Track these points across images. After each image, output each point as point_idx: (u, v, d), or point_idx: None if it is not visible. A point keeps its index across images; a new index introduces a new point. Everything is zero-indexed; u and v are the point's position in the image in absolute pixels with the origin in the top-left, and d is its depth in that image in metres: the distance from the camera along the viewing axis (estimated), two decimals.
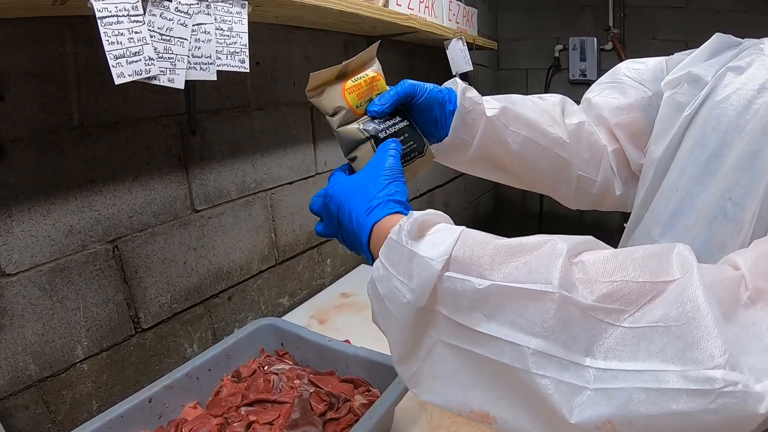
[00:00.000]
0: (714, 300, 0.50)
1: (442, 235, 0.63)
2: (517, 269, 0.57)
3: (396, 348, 0.66)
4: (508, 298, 0.56)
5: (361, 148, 0.88)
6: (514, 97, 1.11)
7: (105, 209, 1.26)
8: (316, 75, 0.88)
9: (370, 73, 0.94)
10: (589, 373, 0.52)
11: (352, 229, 0.76)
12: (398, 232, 0.64)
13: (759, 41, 0.94)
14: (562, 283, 0.54)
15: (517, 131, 1.04)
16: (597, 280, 0.54)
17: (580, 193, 1.14)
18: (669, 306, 0.51)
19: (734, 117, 0.86)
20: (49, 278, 1.16)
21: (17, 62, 1.08)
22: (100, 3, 0.91)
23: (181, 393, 1.19)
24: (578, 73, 3.97)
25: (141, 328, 1.38)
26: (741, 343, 0.49)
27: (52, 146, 1.15)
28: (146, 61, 0.99)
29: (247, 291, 1.74)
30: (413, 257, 0.61)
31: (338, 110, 0.89)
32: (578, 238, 0.60)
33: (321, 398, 1.19)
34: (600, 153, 1.13)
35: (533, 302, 0.55)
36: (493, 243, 0.61)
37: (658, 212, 0.96)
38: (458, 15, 2.55)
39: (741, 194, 0.81)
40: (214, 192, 1.57)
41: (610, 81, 1.16)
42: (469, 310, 0.58)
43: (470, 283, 0.58)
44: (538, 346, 0.54)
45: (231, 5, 1.13)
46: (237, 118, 1.62)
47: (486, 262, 0.59)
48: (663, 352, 0.50)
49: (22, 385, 1.13)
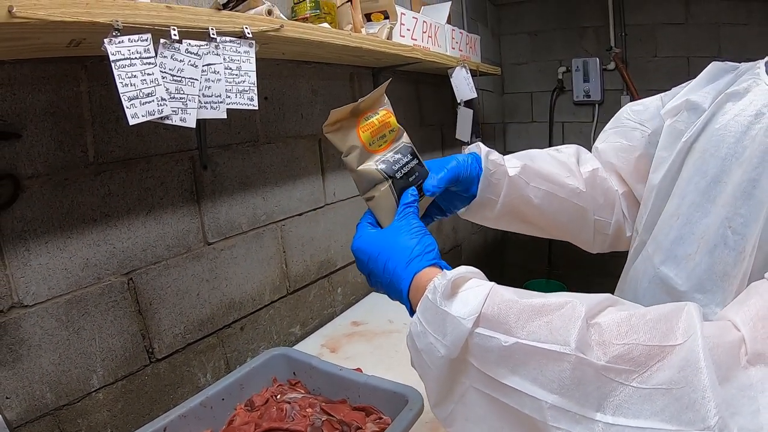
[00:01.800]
0: (713, 364, 0.54)
1: (473, 292, 0.69)
2: (540, 328, 0.62)
3: (432, 394, 0.72)
4: (530, 357, 0.62)
5: (378, 188, 0.92)
6: (532, 152, 1.19)
7: (120, 243, 1.29)
8: (336, 111, 0.91)
9: (382, 111, 0.98)
10: (598, 426, 0.57)
11: (388, 279, 0.82)
12: (433, 292, 0.70)
13: (755, 64, 0.95)
14: (578, 345, 0.59)
15: (538, 186, 1.11)
16: (611, 342, 0.59)
17: (598, 237, 1.19)
18: (672, 369, 0.55)
19: (732, 143, 0.86)
20: (66, 310, 1.19)
21: (34, 101, 1.12)
22: (114, 46, 0.94)
23: (196, 422, 1.20)
24: (582, 95, 3.99)
25: (155, 358, 1.39)
26: (735, 404, 0.53)
27: (68, 182, 1.18)
28: (159, 102, 1.02)
29: (259, 321, 1.75)
30: (446, 317, 0.67)
31: (352, 149, 0.92)
32: (596, 299, 0.65)
33: (333, 426, 1.20)
34: (613, 197, 1.18)
35: (552, 362, 0.60)
36: (519, 303, 0.66)
37: (659, 240, 0.96)
38: (461, 43, 2.59)
39: (741, 223, 0.81)
40: (225, 225, 1.59)
41: (613, 127, 1.21)
42: (496, 365, 0.64)
43: (497, 341, 0.64)
44: (555, 401, 0.59)
45: (239, 45, 1.17)
46: (247, 153, 1.65)
47: (512, 320, 0.64)
48: (663, 412, 0.54)
49: (39, 413, 1.14)
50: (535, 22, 4.14)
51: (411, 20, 2.04)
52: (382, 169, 0.91)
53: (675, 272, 0.91)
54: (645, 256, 1.00)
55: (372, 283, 0.90)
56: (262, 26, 1.21)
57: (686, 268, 0.89)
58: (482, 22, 3.80)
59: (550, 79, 4.16)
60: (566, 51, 4.05)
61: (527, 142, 4.41)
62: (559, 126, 4.23)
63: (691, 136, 0.95)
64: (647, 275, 0.98)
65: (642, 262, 1.01)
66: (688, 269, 0.88)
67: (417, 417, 1.12)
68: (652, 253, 0.97)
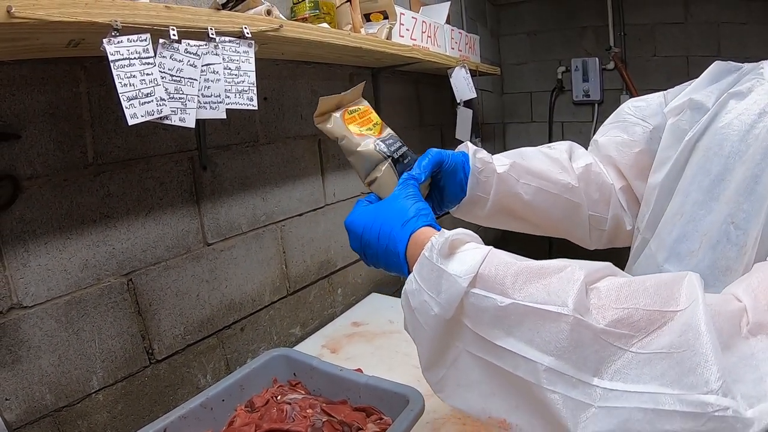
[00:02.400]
0: (715, 330, 0.53)
1: (470, 253, 0.68)
2: (537, 290, 0.62)
3: (424, 356, 0.71)
4: (526, 317, 0.61)
5: (380, 167, 0.95)
6: (524, 150, 1.20)
7: (119, 243, 1.29)
8: (324, 101, 0.95)
9: (363, 106, 1.02)
10: (595, 391, 0.56)
11: (384, 245, 0.81)
12: (430, 250, 0.70)
13: (758, 65, 0.95)
14: (576, 307, 0.58)
15: (528, 183, 1.11)
16: (610, 306, 0.58)
17: (594, 233, 1.20)
18: (673, 334, 0.54)
19: (736, 142, 0.87)
20: (65, 311, 1.18)
21: (33, 102, 1.12)
22: (113, 46, 0.94)
23: (196, 423, 1.20)
24: (582, 94, 4.00)
25: (155, 360, 1.39)
26: (737, 372, 0.52)
27: (67, 183, 1.18)
28: (158, 102, 1.01)
29: (260, 322, 1.75)
30: (442, 274, 0.67)
31: (343, 137, 0.96)
32: (596, 265, 0.64)
33: (334, 427, 1.19)
34: (608, 191, 1.18)
35: (549, 322, 0.59)
36: (517, 264, 0.65)
37: (663, 237, 0.97)
38: (460, 43, 2.59)
39: (743, 218, 0.81)
40: (225, 225, 1.59)
41: (614, 121, 1.21)
42: (491, 325, 0.63)
43: (493, 300, 0.63)
44: (551, 363, 0.58)
45: (238, 45, 1.17)
46: (246, 153, 1.65)
47: (509, 281, 0.64)
48: (663, 376, 0.53)
49: (39, 414, 1.14)
50: (534, 22, 4.15)
51: (410, 20, 2.04)
52: (381, 150, 0.95)
53: (678, 269, 0.91)
54: (648, 255, 1.00)
55: (368, 258, 0.89)
56: (261, 26, 1.21)
57: (689, 264, 0.89)
58: (481, 22, 3.80)
59: (550, 79, 4.17)
60: (565, 51, 4.06)
61: (527, 142, 4.36)
62: (559, 126, 4.24)
63: (694, 135, 0.95)
64: (650, 272, 0.97)
65: (645, 260, 1.01)
66: (690, 266, 0.89)
67: (418, 417, 1.12)
68: (655, 251, 0.97)
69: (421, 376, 0.76)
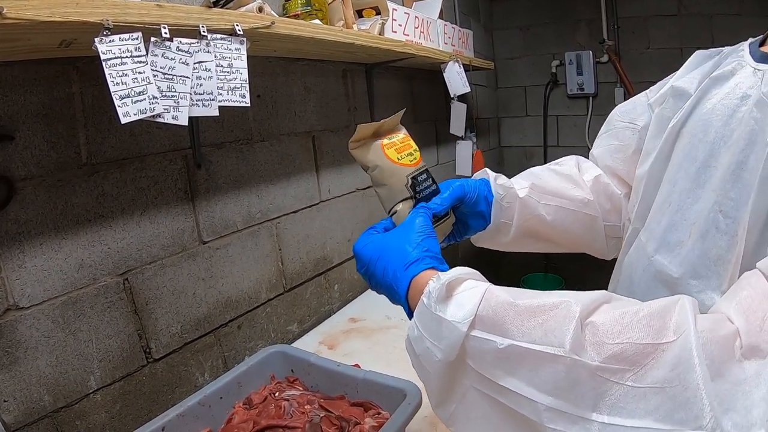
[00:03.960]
0: (706, 359, 0.54)
1: (468, 294, 0.69)
2: (534, 329, 0.62)
3: (433, 395, 0.73)
4: (525, 358, 0.62)
5: (404, 204, 0.94)
6: (535, 171, 1.21)
7: (115, 243, 1.29)
8: (362, 128, 0.93)
9: (401, 134, 1.00)
10: (594, 426, 0.57)
11: (387, 282, 0.82)
12: (428, 297, 0.70)
13: (737, 47, 0.96)
14: (573, 347, 0.59)
15: (548, 203, 1.12)
16: (604, 342, 0.59)
17: (611, 242, 1.20)
18: (666, 368, 0.55)
19: (720, 127, 0.87)
20: (62, 311, 1.19)
21: (26, 103, 1.12)
22: (105, 45, 0.94)
23: (194, 421, 1.20)
24: (576, 88, 4.01)
25: (153, 359, 1.39)
26: (729, 400, 0.53)
27: (62, 183, 1.18)
28: (150, 100, 1.02)
29: (257, 319, 1.75)
30: (441, 322, 0.67)
31: (376, 166, 0.95)
32: (591, 297, 0.64)
33: (332, 422, 1.20)
34: (618, 200, 1.19)
35: (547, 363, 0.60)
36: (514, 304, 0.66)
37: (652, 228, 0.97)
38: (453, 38, 2.59)
39: (732, 207, 0.81)
40: (220, 223, 1.59)
41: (605, 131, 1.22)
42: (493, 366, 0.64)
43: (493, 343, 0.64)
44: (551, 403, 0.60)
45: (230, 42, 1.17)
46: (240, 151, 1.65)
47: (507, 322, 0.64)
48: (657, 410, 0.54)
49: (37, 415, 1.14)
50: (527, 17, 4.15)
51: (403, 16, 2.04)
52: (409, 186, 0.94)
53: (668, 259, 0.91)
54: (638, 245, 1.00)
55: (372, 286, 0.90)
56: (252, 23, 1.21)
57: (679, 254, 0.89)
58: (474, 17, 3.80)
59: (544, 72, 4.17)
60: (559, 44, 4.07)
61: (522, 136, 4.42)
62: (554, 119, 4.24)
63: (678, 122, 0.95)
64: (641, 264, 0.98)
65: (636, 250, 1.01)
66: (681, 256, 0.89)
67: (415, 411, 1.12)
68: (645, 242, 0.98)
69: None
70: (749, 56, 0.90)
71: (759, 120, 0.80)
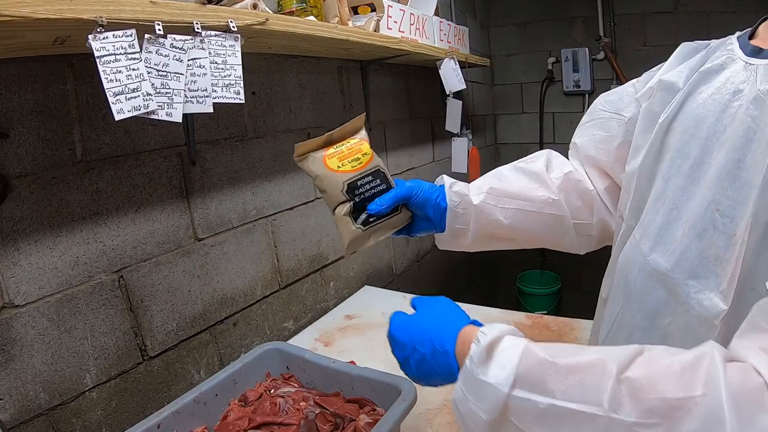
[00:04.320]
0: (735, 412, 0.56)
1: (507, 355, 0.72)
2: (573, 388, 0.66)
3: None
4: (566, 417, 0.65)
5: (341, 207, 1.07)
6: (501, 171, 1.24)
7: (110, 240, 1.29)
8: (301, 145, 1.06)
9: (354, 140, 1.10)
10: None
11: (438, 351, 0.84)
12: (470, 361, 0.74)
13: (725, 40, 0.95)
14: (611, 406, 0.62)
15: (507, 206, 1.16)
16: (639, 398, 0.61)
17: (583, 239, 1.22)
18: (697, 421, 0.57)
19: (712, 123, 0.86)
20: (57, 309, 1.19)
21: (21, 100, 1.12)
22: (98, 42, 0.94)
23: (189, 418, 1.20)
24: (572, 85, 4.02)
25: (148, 356, 1.40)
26: None
27: (56, 181, 1.18)
28: (144, 97, 1.01)
29: (252, 316, 1.76)
30: (484, 385, 0.71)
31: (316, 176, 1.06)
32: (626, 353, 0.67)
33: (327, 419, 1.20)
34: (590, 198, 1.19)
35: (586, 422, 0.63)
36: (553, 363, 0.69)
37: (646, 225, 0.96)
38: (449, 35, 2.59)
39: (729, 206, 0.80)
40: (215, 220, 1.60)
41: (589, 120, 1.21)
42: (535, 425, 0.68)
43: (534, 402, 0.67)
44: None
45: (224, 39, 1.16)
46: (236, 148, 1.65)
47: (547, 381, 0.68)
48: None
49: (33, 413, 1.14)
50: (523, 14, 4.16)
51: (398, 12, 2.04)
52: (344, 192, 1.05)
53: (665, 259, 0.90)
54: (633, 243, 1.00)
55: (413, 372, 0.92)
56: (247, 20, 1.21)
57: (675, 253, 0.88)
58: (471, 14, 3.81)
59: (540, 69, 4.18)
60: (555, 42, 4.08)
61: (518, 133, 4.43)
62: (550, 116, 4.25)
63: (668, 117, 0.94)
64: (637, 263, 0.97)
65: (630, 249, 1.00)
66: (677, 255, 0.88)
67: (410, 408, 1.12)
68: (639, 240, 0.97)
69: None
70: (739, 50, 0.89)
71: (756, 118, 0.79)
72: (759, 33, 0.92)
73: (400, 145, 2.69)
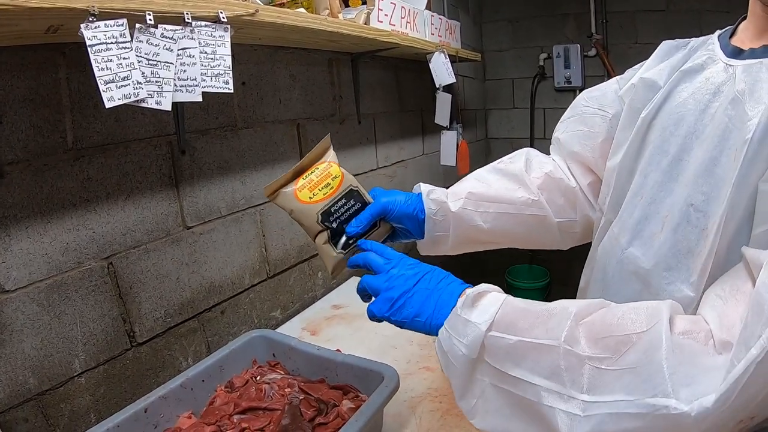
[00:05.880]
0: (672, 344, 0.64)
1: (490, 302, 0.81)
2: (538, 327, 0.75)
3: (457, 389, 0.83)
4: (530, 351, 0.74)
5: (320, 236, 1.08)
6: (480, 173, 1.26)
7: (99, 227, 1.30)
8: (269, 185, 1.06)
9: (322, 166, 1.10)
10: (581, 404, 0.69)
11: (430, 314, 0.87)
12: (458, 307, 0.81)
13: (706, 39, 0.98)
14: (567, 339, 0.71)
15: (486, 210, 1.19)
16: (594, 337, 0.71)
17: (567, 236, 1.25)
18: (639, 352, 0.66)
19: (692, 122, 0.88)
20: (47, 294, 1.20)
21: (13, 88, 1.12)
22: (90, 31, 0.95)
23: (176, 403, 1.22)
24: (563, 81, 4.04)
25: (136, 342, 1.41)
26: (692, 379, 0.62)
27: (47, 168, 1.19)
28: (135, 85, 1.03)
29: (240, 305, 1.77)
30: (467, 324, 0.79)
31: (291, 210, 1.07)
32: (588, 303, 0.76)
33: (310, 404, 1.22)
34: (573, 195, 1.21)
35: (546, 353, 0.72)
36: (526, 308, 0.79)
37: (625, 219, 0.98)
38: (440, 29, 2.60)
39: (703, 201, 0.83)
40: (204, 209, 1.61)
41: (571, 115, 1.23)
42: (504, 360, 0.76)
43: (505, 340, 0.76)
44: (549, 385, 0.72)
45: (214, 29, 1.18)
46: (225, 137, 1.66)
47: (518, 324, 0.77)
48: (628, 386, 0.65)
49: (22, 398, 1.15)
50: (516, 9, 4.17)
51: (389, 5, 2.05)
52: (320, 222, 1.06)
53: (641, 251, 0.93)
54: (611, 236, 1.02)
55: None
56: (237, 11, 1.22)
57: (652, 247, 0.91)
58: (463, 9, 3.81)
59: (532, 65, 4.20)
60: (547, 38, 4.09)
61: (509, 128, 4.44)
62: (541, 112, 4.27)
63: (649, 114, 0.97)
64: (615, 256, 1.00)
65: (609, 242, 1.03)
66: (653, 248, 0.91)
67: (393, 393, 1.15)
68: (618, 233, 0.99)
69: (398, 355, 0.88)
70: (720, 50, 0.92)
71: (733, 117, 0.81)
72: (738, 32, 0.94)
73: (390, 137, 2.70)
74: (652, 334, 0.66)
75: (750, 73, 0.82)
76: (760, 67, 0.81)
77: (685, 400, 0.60)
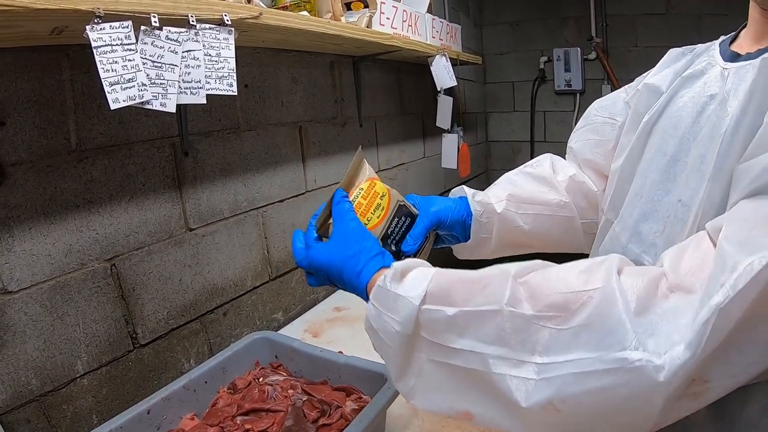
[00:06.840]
0: (630, 295, 0.62)
1: (419, 275, 0.76)
2: (476, 294, 0.70)
3: (393, 369, 0.78)
4: (471, 319, 0.69)
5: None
6: (512, 177, 1.25)
7: (102, 229, 1.31)
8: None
9: (365, 183, 1.01)
10: (534, 367, 0.64)
11: (352, 288, 0.87)
12: (383, 280, 0.76)
13: (710, 45, 0.98)
14: (509, 301, 0.67)
15: (526, 212, 1.18)
16: (537, 296, 0.67)
17: (590, 238, 1.23)
18: (592, 308, 0.62)
19: (689, 124, 0.89)
20: (50, 295, 1.20)
21: (18, 89, 1.13)
22: (95, 33, 0.95)
23: (179, 404, 1.22)
24: (563, 84, 4.05)
25: (139, 344, 1.41)
26: (653, 327, 0.60)
27: (51, 169, 1.19)
28: (139, 87, 1.03)
29: (242, 307, 1.77)
30: (397, 298, 0.74)
31: None
32: (527, 263, 0.73)
33: (314, 406, 1.22)
34: (594, 197, 1.22)
35: (489, 319, 0.68)
36: (460, 277, 0.74)
37: (625, 218, 0.99)
38: (442, 32, 2.60)
39: (689, 195, 0.84)
40: (207, 211, 1.61)
41: (584, 125, 1.25)
42: (444, 333, 0.71)
43: (443, 312, 0.71)
44: (496, 352, 0.67)
45: (218, 32, 1.18)
46: (228, 139, 1.67)
47: (454, 293, 0.72)
48: (587, 344, 0.62)
49: (24, 399, 1.15)
50: (516, 12, 4.18)
51: (391, 9, 2.06)
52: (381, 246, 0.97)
53: (641, 249, 0.94)
54: (612, 236, 1.03)
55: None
56: (241, 14, 1.22)
57: (650, 244, 0.92)
58: (464, 12, 3.82)
59: (532, 68, 4.20)
60: (548, 41, 4.10)
61: (509, 131, 4.45)
62: (541, 115, 4.28)
63: (651, 118, 0.98)
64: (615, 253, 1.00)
65: (609, 241, 1.04)
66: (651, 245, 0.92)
67: (396, 395, 1.15)
68: (619, 232, 1.00)
69: None
70: (719, 56, 0.93)
71: (720, 116, 0.82)
72: (739, 38, 0.95)
73: (391, 140, 2.70)
74: (605, 290, 0.63)
75: (739, 74, 0.84)
76: (749, 68, 0.82)
77: (654, 353, 0.57)
